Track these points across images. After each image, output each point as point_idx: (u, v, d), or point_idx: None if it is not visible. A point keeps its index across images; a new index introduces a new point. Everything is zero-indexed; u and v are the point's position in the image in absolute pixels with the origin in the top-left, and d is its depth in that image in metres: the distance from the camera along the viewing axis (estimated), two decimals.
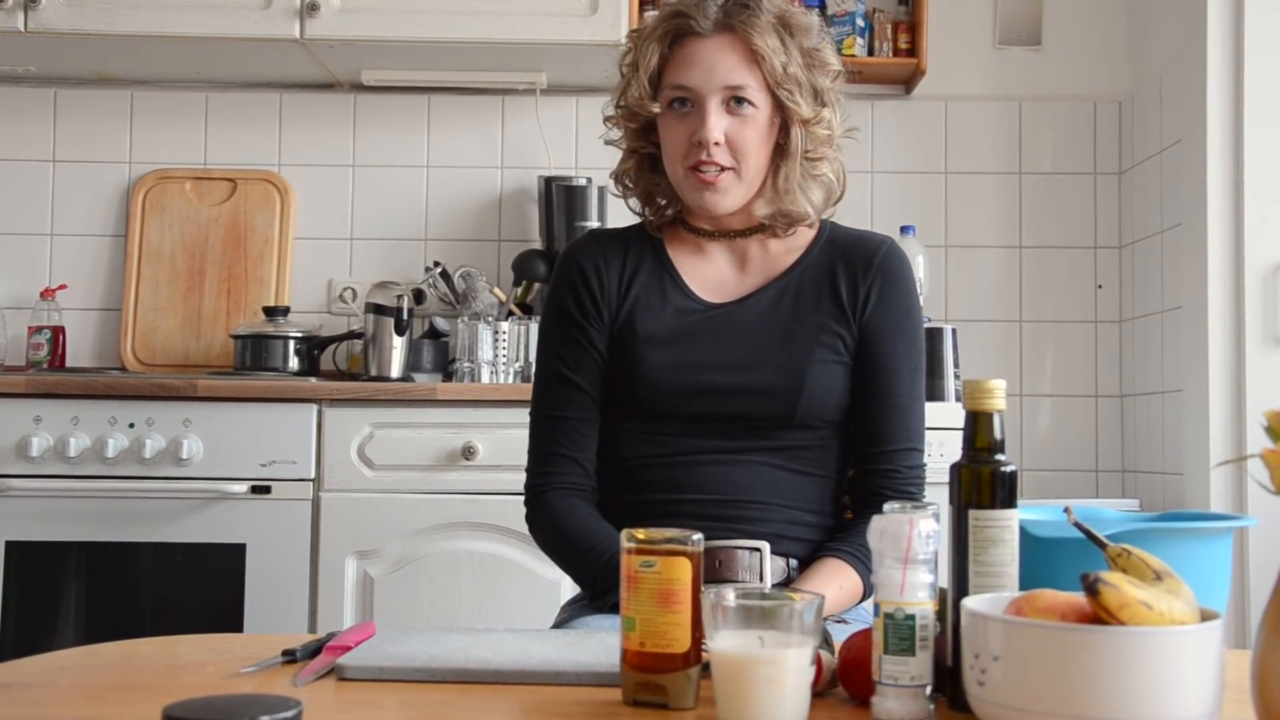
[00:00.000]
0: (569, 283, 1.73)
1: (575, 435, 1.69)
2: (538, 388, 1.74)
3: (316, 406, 2.76)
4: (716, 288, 1.72)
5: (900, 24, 3.32)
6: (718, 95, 1.63)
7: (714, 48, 1.64)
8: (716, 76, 1.63)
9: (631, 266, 1.72)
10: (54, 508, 2.73)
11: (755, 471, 1.63)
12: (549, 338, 1.74)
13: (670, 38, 1.66)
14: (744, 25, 1.63)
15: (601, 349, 1.70)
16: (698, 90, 1.63)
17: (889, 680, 1.03)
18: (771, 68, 1.63)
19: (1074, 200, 3.42)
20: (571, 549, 1.66)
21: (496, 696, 1.15)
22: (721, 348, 1.66)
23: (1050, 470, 3.37)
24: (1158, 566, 1.03)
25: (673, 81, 1.65)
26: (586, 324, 1.70)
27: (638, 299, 1.70)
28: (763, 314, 1.68)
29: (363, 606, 2.74)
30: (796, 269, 1.71)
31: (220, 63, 3.26)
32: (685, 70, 1.64)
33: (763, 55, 1.63)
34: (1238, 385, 2.82)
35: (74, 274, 3.37)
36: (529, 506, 1.72)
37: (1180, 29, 3.03)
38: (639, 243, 1.75)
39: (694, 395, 1.64)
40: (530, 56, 3.14)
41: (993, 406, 1.11)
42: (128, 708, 1.12)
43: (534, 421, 1.74)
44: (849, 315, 1.67)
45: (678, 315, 1.69)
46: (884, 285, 1.69)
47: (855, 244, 1.73)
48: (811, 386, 1.63)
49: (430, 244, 3.39)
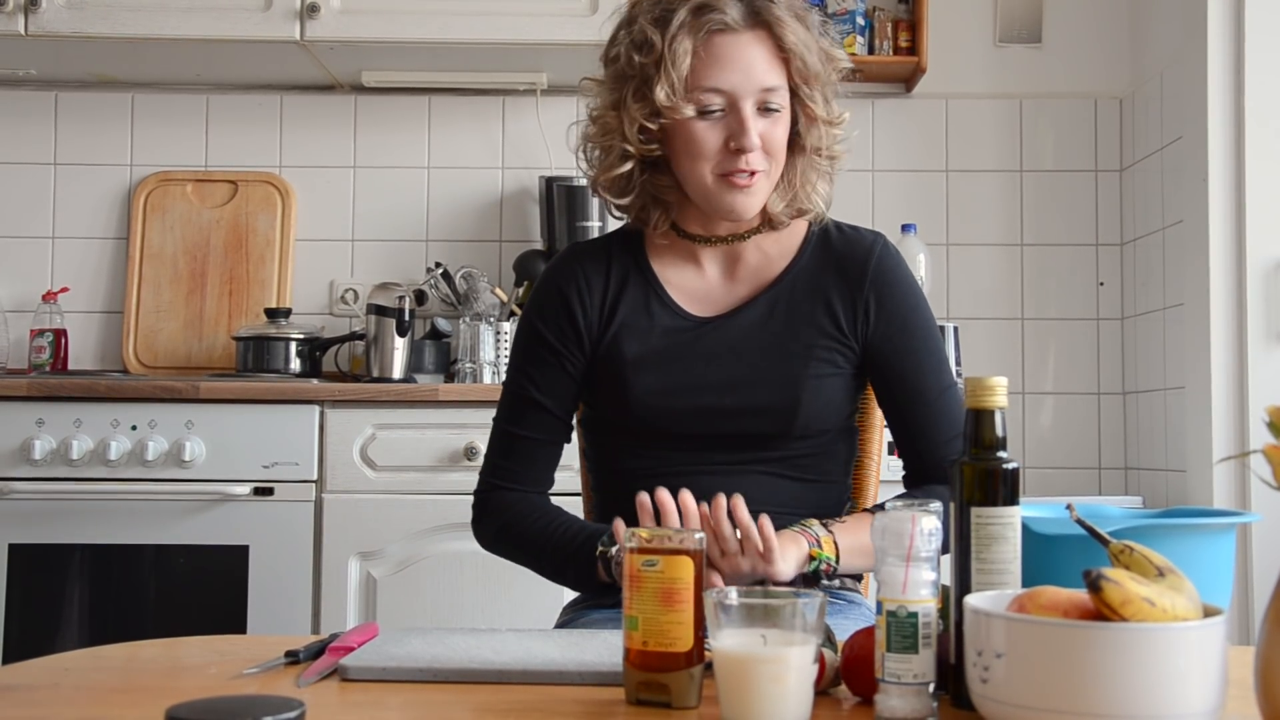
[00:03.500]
0: (549, 309, 1.66)
1: (532, 455, 1.66)
2: (504, 400, 1.69)
3: (319, 408, 2.76)
4: (705, 300, 1.65)
5: (900, 22, 3.32)
6: (753, 98, 1.55)
7: (746, 44, 1.55)
8: (753, 78, 1.54)
9: (615, 285, 1.65)
10: (57, 510, 2.73)
11: (755, 482, 1.60)
12: (521, 357, 1.68)
13: (700, 33, 1.54)
14: (773, 20, 1.55)
15: (576, 377, 1.65)
16: (734, 93, 1.54)
17: (892, 678, 1.03)
18: (801, 65, 1.57)
19: (1075, 198, 3.42)
20: (525, 535, 1.61)
21: (500, 696, 1.15)
22: (713, 367, 1.60)
23: (1053, 468, 3.37)
24: (1160, 563, 1.03)
25: (706, 83, 1.54)
26: (564, 351, 1.64)
27: (623, 321, 1.63)
28: (754, 328, 1.62)
29: (366, 607, 2.74)
30: (788, 276, 1.65)
31: (221, 65, 3.26)
32: (720, 70, 1.54)
33: (793, 52, 1.56)
34: (1240, 381, 2.82)
35: (76, 277, 3.37)
36: (476, 510, 1.68)
37: (1181, 25, 3.03)
38: (622, 255, 1.67)
39: (689, 417, 1.59)
40: (530, 57, 3.14)
41: (995, 404, 1.11)
42: (131, 709, 1.12)
43: (494, 432, 1.69)
44: (848, 333, 1.62)
45: (666, 335, 1.63)
46: (882, 294, 1.63)
47: (847, 249, 1.66)
48: (809, 401, 1.59)
49: (431, 245, 3.39)
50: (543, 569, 1.63)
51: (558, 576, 1.61)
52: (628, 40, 1.59)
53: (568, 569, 1.58)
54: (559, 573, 1.60)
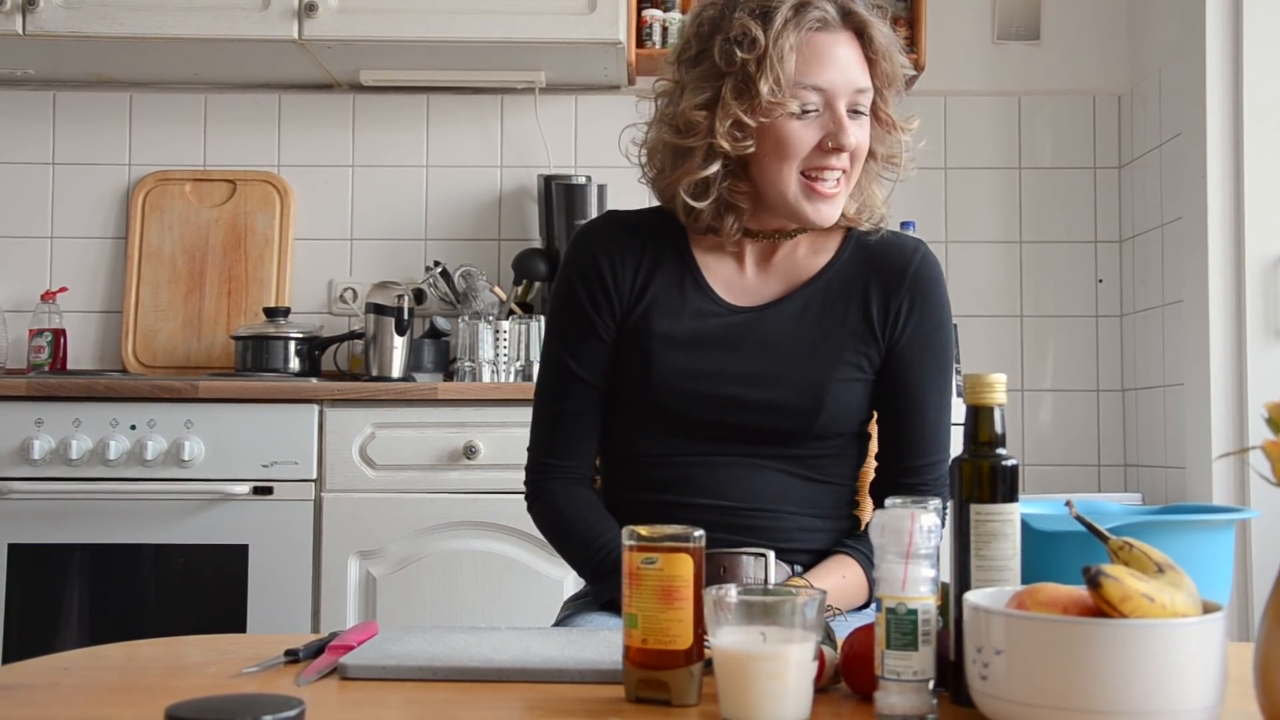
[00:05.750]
0: (580, 271, 1.64)
1: (578, 428, 1.66)
2: (542, 375, 1.69)
3: (318, 407, 2.76)
4: (739, 289, 1.64)
5: (899, 20, 3.32)
6: (848, 98, 1.54)
7: (842, 44, 1.54)
8: (850, 77, 1.54)
9: (650, 261, 1.64)
10: (56, 510, 2.73)
11: (767, 478, 1.60)
12: (556, 326, 1.67)
13: (802, 30, 1.52)
14: (864, 21, 1.55)
15: (609, 342, 1.64)
16: (831, 91, 1.53)
17: (892, 675, 1.03)
18: (887, 67, 1.57)
19: (1074, 195, 3.42)
20: (572, 537, 1.64)
21: (499, 695, 1.15)
22: (741, 359, 1.60)
23: (1052, 465, 3.37)
24: (1160, 559, 1.03)
25: (807, 80, 1.52)
26: (596, 315, 1.63)
27: (655, 296, 1.62)
28: (786, 326, 1.62)
29: (365, 606, 2.74)
30: (823, 276, 1.64)
31: (219, 64, 3.26)
32: (820, 68, 1.52)
33: (882, 54, 1.56)
34: (1239, 378, 2.82)
35: (74, 276, 3.37)
36: (530, 492, 1.69)
37: (1179, 22, 3.03)
38: (658, 234, 1.65)
39: (710, 405, 1.59)
40: (529, 55, 3.14)
41: (993, 401, 1.11)
42: (131, 708, 1.12)
43: (537, 410, 1.69)
44: (878, 334, 1.62)
45: (697, 317, 1.62)
46: (916, 299, 1.63)
47: (887, 252, 1.65)
48: (832, 405, 1.59)
49: (430, 243, 3.39)
50: (581, 573, 1.67)
51: (598, 585, 1.63)
52: (721, 36, 1.55)
53: (603, 581, 1.60)
54: (599, 583, 1.62)
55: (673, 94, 1.61)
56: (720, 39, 1.55)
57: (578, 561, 1.66)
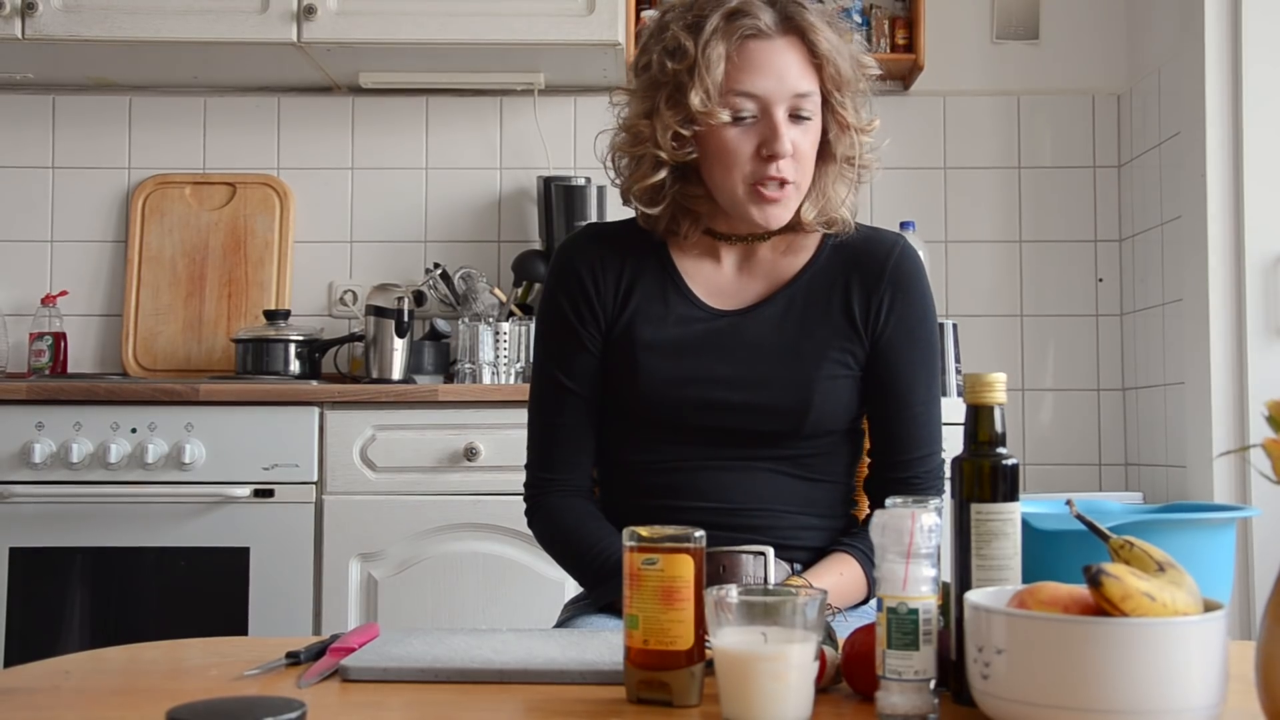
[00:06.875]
0: (563, 285, 1.66)
1: (572, 441, 1.67)
2: (534, 391, 1.71)
3: (318, 409, 2.76)
4: (721, 293, 1.65)
5: (898, 20, 3.32)
6: (785, 104, 1.54)
7: (779, 50, 1.55)
8: (787, 83, 1.54)
9: (631, 270, 1.65)
10: (57, 513, 2.73)
11: (761, 478, 1.61)
12: (543, 341, 1.69)
13: (733, 38, 1.54)
14: (806, 26, 1.55)
15: (597, 353, 1.65)
16: (767, 99, 1.54)
17: (893, 675, 1.03)
18: (834, 72, 1.57)
19: (1073, 194, 3.42)
20: (572, 547, 1.65)
21: (501, 696, 1.15)
22: (726, 362, 1.61)
23: (1053, 464, 3.37)
24: (1160, 558, 1.03)
25: (739, 88, 1.54)
26: (581, 328, 1.64)
27: (638, 305, 1.64)
28: (769, 327, 1.62)
29: (366, 608, 2.74)
30: (804, 276, 1.65)
31: (218, 67, 3.26)
32: (753, 76, 1.53)
33: (826, 59, 1.56)
34: (1239, 377, 2.82)
35: (75, 280, 3.37)
36: (529, 507, 1.71)
37: (1178, 21, 3.03)
38: (639, 243, 1.67)
39: (699, 409, 1.60)
40: (528, 57, 3.14)
41: (993, 400, 1.11)
42: (132, 711, 1.12)
43: (531, 426, 1.71)
44: (861, 330, 1.63)
45: (681, 323, 1.63)
46: (897, 294, 1.63)
47: (866, 248, 1.66)
48: (820, 403, 1.60)
49: (430, 245, 3.39)
50: (582, 582, 1.67)
51: (598, 596, 1.63)
52: (659, 47, 1.58)
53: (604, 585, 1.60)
54: (599, 591, 1.62)
55: (628, 102, 1.64)
56: (658, 49, 1.58)
57: (578, 570, 1.66)
